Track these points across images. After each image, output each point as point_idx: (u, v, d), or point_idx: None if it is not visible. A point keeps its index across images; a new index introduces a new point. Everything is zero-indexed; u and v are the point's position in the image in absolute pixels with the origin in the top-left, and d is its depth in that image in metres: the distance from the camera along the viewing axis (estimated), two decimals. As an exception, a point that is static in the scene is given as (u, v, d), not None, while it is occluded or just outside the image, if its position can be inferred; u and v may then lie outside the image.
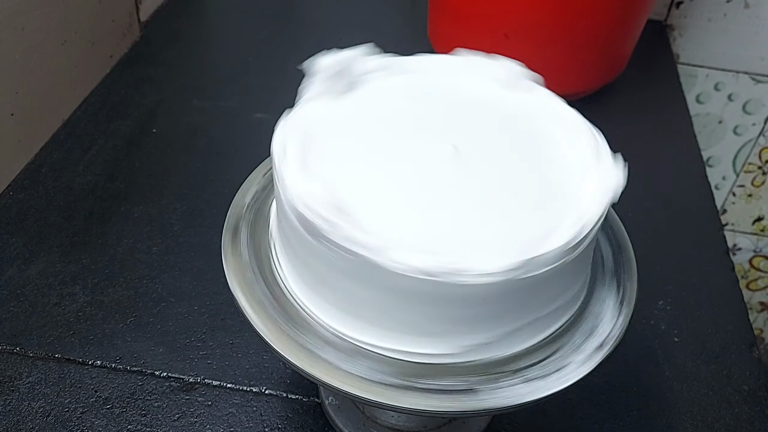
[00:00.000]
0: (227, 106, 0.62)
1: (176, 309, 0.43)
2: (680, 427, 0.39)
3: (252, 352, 0.41)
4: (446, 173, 0.27)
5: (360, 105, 0.31)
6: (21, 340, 0.41)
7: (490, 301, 0.25)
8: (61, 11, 0.56)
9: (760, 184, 0.88)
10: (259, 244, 0.31)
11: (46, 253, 0.46)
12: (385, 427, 0.36)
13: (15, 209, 0.50)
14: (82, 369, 0.40)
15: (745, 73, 0.79)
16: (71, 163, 0.54)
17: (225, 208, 0.32)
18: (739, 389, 0.41)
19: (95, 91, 0.62)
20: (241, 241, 0.31)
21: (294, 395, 0.39)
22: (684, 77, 0.78)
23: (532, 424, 0.38)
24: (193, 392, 0.39)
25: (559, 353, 0.27)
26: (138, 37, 0.70)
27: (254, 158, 0.35)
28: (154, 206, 0.50)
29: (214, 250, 0.31)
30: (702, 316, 0.45)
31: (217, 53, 0.71)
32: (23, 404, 0.37)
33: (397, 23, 0.76)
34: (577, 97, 0.61)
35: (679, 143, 0.62)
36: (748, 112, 0.82)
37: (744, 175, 0.87)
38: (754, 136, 0.84)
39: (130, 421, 0.37)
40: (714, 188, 0.87)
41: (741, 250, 0.94)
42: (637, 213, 0.51)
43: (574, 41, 0.56)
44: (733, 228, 0.92)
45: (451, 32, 0.61)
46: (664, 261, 0.49)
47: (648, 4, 0.59)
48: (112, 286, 0.44)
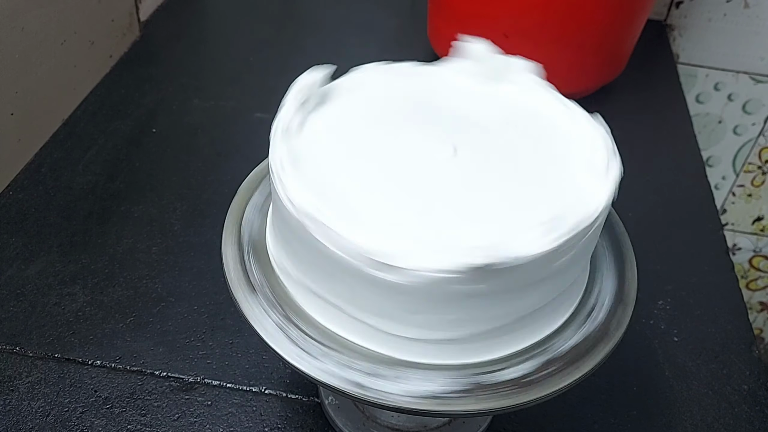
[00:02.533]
0: (227, 106, 0.62)
1: (176, 309, 0.43)
2: (680, 426, 0.39)
3: (252, 352, 0.41)
4: (444, 172, 0.27)
5: (358, 106, 0.31)
6: (21, 340, 0.41)
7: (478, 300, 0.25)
8: (61, 11, 0.56)
9: (760, 184, 0.88)
10: (260, 238, 0.31)
11: (45, 252, 0.46)
12: (385, 426, 0.36)
13: (15, 209, 0.50)
14: (82, 369, 0.40)
15: (745, 73, 0.79)
16: (71, 162, 0.54)
17: (225, 208, 0.32)
18: (739, 389, 0.41)
19: (95, 91, 0.62)
20: (241, 235, 0.31)
21: (294, 395, 0.39)
22: (684, 77, 0.78)
23: (532, 424, 0.38)
24: (193, 392, 0.39)
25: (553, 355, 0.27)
26: (138, 37, 0.70)
27: (254, 158, 0.35)
28: (154, 206, 0.50)
29: (214, 250, 0.31)
30: (702, 316, 0.45)
31: (217, 53, 0.71)
32: (23, 404, 0.37)
33: (397, 23, 0.76)
34: (577, 97, 0.60)
35: (679, 143, 0.62)
36: (748, 111, 0.82)
37: (744, 174, 0.87)
38: (754, 136, 0.84)
39: (130, 420, 0.37)
40: (714, 188, 0.87)
41: (741, 250, 0.94)
42: (637, 213, 0.51)
43: (574, 41, 0.56)
44: (733, 228, 0.92)
45: (451, 32, 0.61)
46: (664, 261, 0.49)
47: (648, 4, 0.59)
48: (111, 286, 0.44)
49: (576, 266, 0.28)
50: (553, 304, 0.27)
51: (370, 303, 0.26)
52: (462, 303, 0.25)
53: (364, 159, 0.28)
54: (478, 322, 0.26)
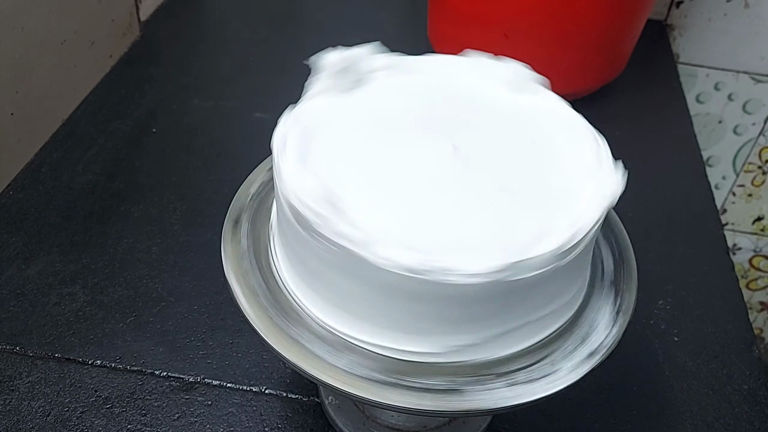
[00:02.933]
0: (227, 106, 0.62)
1: (176, 309, 0.43)
2: (680, 426, 0.39)
3: (252, 352, 0.41)
4: (444, 172, 0.27)
5: (363, 102, 0.31)
6: (21, 340, 0.41)
7: (477, 303, 0.25)
8: (61, 11, 0.56)
9: (760, 184, 0.88)
10: (259, 235, 0.31)
11: (45, 252, 0.46)
12: (385, 426, 0.36)
13: (15, 209, 0.50)
14: (82, 368, 0.40)
15: (745, 73, 0.79)
16: (71, 162, 0.54)
17: (225, 208, 0.32)
18: (739, 389, 0.41)
19: (95, 91, 0.62)
20: (241, 232, 0.31)
21: (294, 395, 0.39)
22: (684, 77, 0.78)
23: (532, 424, 0.38)
24: (193, 392, 0.39)
25: (549, 359, 0.27)
26: (138, 37, 0.70)
27: (254, 158, 0.35)
28: (154, 206, 0.50)
29: (214, 250, 0.31)
30: (702, 316, 0.45)
31: (217, 53, 0.71)
32: (23, 404, 0.37)
33: (397, 23, 0.76)
34: (577, 97, 0.61)
35: (679, 143, 0.62)
36: (748, 111, 0.82)
37: (744, 174, 0.87)
38: (754, 136, 0.84)
39: (130, 420, 0.37)
40: (714, 188, 0.87)
41: (741, 250, 0.94)
42: (637, 212, 0.51)
43: (574, 41, 0.56)
44: (733, 228, 0.92)
45: (451, 32, 0.61)
46: (664, 261, 0.49)
47: (648, 4, 0.59)
48: (112, 286, 0.44)
49: (578, 271, 0.28)
50: (550, 308, 0.27)
51: (360, 298, 0.26)
52: (457, 308, 0.25)
53: (369, 156, 0.28)
54: (492, 327, 0.26)
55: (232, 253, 0.30)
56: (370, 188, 0.26)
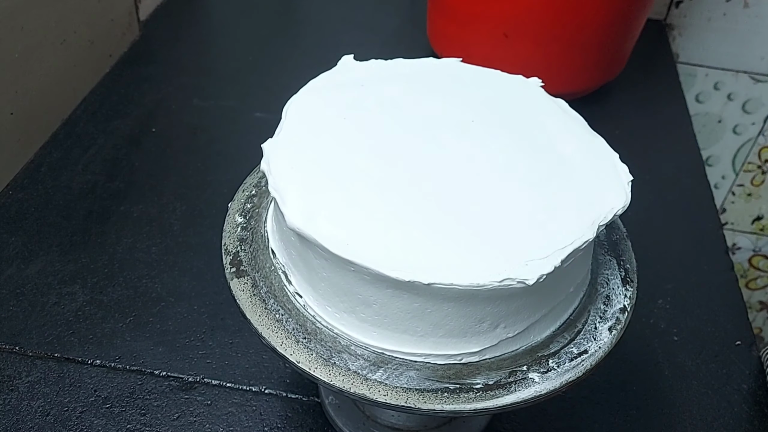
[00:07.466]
0: (227, 106, 0.62)
1: (176, 309, 0.43)
2: (680, 426, 0.39)
3: (251, 352, 0.41)
4: (442, 176, 0.27)
5: (357, 108, 0.31)
6: (20, 340, 0.41)
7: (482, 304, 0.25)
8: (61, 10, 0.56)
9: (760, 184, 0.88)
10: (260, 232, 0.31)
11: (45, 252, 0.46)
12: (385, 426, 0.36)
13: (14, 208, 0.50)
14: (82, 368, 0.40)
15: (745, 73, 0.79)
16: (71, 162, 0.54)
17: (225, 208, 0.32)
18: (739, 388, 0.41)
19: (95, 91, 0.62)
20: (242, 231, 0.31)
21: (294, 394, 0.39)
22: (683, 76, 0.78)
23: (532, 424, 0.38)
24: (193, 391, 0.39)
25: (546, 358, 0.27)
26: (137, 36, 0.70)
27: (254, 158, 0.34)
28: (153, 206, 0.50)
29: (214, 250, 0.31)
30: (701, 315, 0.45)
31: (217, 53, 0.71)
32: (22, 403, 0.37)
33: (397, 23, 0.76)
34: (577, 97, 0.61)
35: (679, 142, 0.62)
36: (748, 111, 0.82)
37: (743, 174, 0.87)
38: (754, 136, 0.84)
39: (130, 420, 0.37)
40: (713, 187, 0.87)
41: (740, 250, 0.94)
42: (637, 212, 0.51)
43: (573, 41, 0.56)
44: (733, 227, 0.92)
45: (451, 32, 0.61)
46: (664, 260, 0.49)
47: (648, 4, 0.59)
48: (111, 286, 0.44)
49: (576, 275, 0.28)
50: (555, 307, 0.27)
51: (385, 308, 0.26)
52: (485, 308, 0.25)
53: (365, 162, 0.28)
54: (496, 328, 0.26)
55: (233, 255, 0.30)
56: (366, 195, 0.26)
